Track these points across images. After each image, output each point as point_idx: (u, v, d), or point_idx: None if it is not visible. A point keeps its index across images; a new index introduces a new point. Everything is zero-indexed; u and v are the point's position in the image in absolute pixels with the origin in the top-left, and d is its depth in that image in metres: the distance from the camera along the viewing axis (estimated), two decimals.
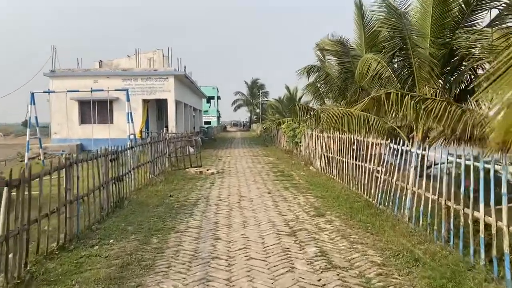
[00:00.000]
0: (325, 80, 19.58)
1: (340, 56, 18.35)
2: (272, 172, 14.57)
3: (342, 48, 18.01)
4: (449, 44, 13.27)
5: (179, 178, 12.98)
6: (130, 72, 24.67)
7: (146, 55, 29.79)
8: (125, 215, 7.92)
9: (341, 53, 18.16)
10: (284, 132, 22.55)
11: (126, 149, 9.81)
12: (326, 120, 15.32)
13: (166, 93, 24.25)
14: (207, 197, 9.95)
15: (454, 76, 14.00)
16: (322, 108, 15.80)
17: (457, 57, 13.38)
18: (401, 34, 13.12)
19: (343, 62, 18.30)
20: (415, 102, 9.69)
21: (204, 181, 12.52)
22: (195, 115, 42.97)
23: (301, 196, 9.97)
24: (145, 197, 9.71)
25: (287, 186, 11.40)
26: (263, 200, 9.47)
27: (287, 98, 45.92)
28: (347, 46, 17.87)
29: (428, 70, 12.85)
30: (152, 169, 12.22)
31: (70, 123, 24.38)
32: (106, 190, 8.17)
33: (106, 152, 8.23)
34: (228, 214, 8.07)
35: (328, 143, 13.81)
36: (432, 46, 12.82)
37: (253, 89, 79.92)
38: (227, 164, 17.60)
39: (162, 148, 14.39)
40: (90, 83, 23.02)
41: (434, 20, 12.82)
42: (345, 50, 17.96)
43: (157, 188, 10.84)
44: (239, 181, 12.61)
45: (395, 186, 7.76)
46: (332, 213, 8.05)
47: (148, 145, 12.05)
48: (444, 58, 13.51)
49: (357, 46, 17.82)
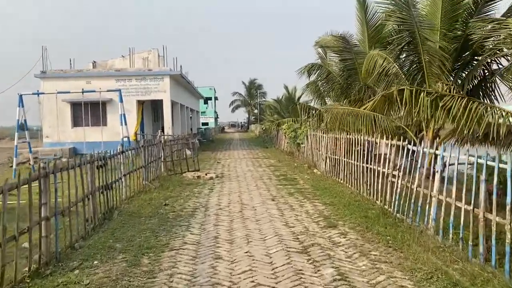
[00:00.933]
0: (326, 79, 18.78)
1: (342, 53, 17.57)
2: (274, 176, 13.73)
3: (344, 44, 17.22)
4: (461, 37, 12.49)
5: (176, 184, 12.13)
6: (123, 72, 23.80)
7: (141, 55, 28.93)
8: (114, 229, 7.07)
9: (343, 50, 17.37)
10: (285, 133, 21.73)
11: (116, 154, 8.95)
12: (330, 120, 14.55)
13: (162, 94, 23.38)
14: (206, 205, 9.09)
15: (466, 72, 13.25)
16: (326, 107, 14.98)
17: (469, 50, 12.63)
18: (409, 27, 12.33)
19: (346, 59, 17.53)
20: (432, 99, 8.86)
21: (202, 187, 11.67)
22: (192, 116, 42.09)
23: (308, 203, 9.13)
24: (138, 206, 8.85)
25: (292, 192, 10.56)
26: (267, 208, 8.63)
27: (286, 98, 45.14)
28: (350, 42, 17.09)
29: (438, 65, 12.07)
30: (145, 174, 11.36)
31: (63, 126, 23.55)
32: (92, 201, 7.32)
33: (92, 158, 7.38)
34: (229, 226, 7.22)
35: (334, 144, 12.98)
36: (443, 39, 12.01)
37: (251, 90, 79.09)
38: (227, 168, 16.76)
39: (156, 151, 13.54)
40: (82, 84, 22.12)
41: (445, 12, 12.02)
42: (347, 47, 17.18)
43: (151, 196, 9.99)
44: (240, 186, 11.76)
45: (416, 193, 6.94)
46: (345, 224, 7.22)
47: (141, 149, 11.19)
48: (456, 52, 12.73)
49: (360, 42, 17.08)
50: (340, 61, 18.05)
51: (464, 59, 13.00)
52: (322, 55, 20.73)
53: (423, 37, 12.09)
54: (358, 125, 13.68)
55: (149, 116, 27.52)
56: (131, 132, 22.95)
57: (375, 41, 15.83)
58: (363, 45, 16.72)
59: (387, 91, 10.38)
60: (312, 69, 18.91)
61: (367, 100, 15.91)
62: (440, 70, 12.03)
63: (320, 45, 19.06)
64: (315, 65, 18.93)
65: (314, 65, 18.94)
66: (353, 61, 17.04)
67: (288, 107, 42.79)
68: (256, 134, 53.14)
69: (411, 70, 13.41)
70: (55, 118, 23.53)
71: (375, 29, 16.15)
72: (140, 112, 24.13)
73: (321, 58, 20.78)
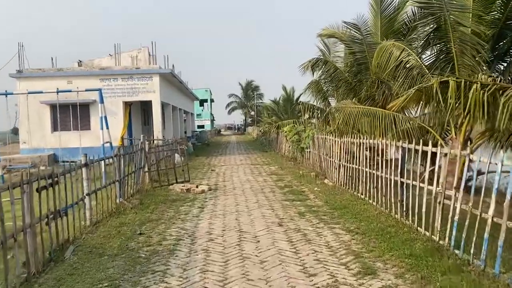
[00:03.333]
0: (332, 76, 16.66)
1: (351, 45, 15.55)
2: (278, 188, 11.61)
3: (356, 33, 15.20)
4: (499, 21, 10.53)
5: (159, 200, 9.99)
6: (108, 71, 21.65)
7: (131, 53, 26.81)
8: (58, 280, 4.93)
9: (353, 41, 15.36)
10: (286, 136, 19.60)
11: (73, 169, 6.81)
12: (343, 121, 12.53)
13: (151, 94, 21.21)
14: (193, 234, 6.95)
15: (506, 62, 11.26)
16: (338, 106, 12.90)
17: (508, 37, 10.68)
18: (436, 9, 10.35)
19: (355, 52, 15.50)
20: (490, 93, 6.75)
21: (191, 205, 9.52)
22: (187, 119, 39.94)
23: (327, 229, 7.01)
24: (103, 237, 6.71)
25: (302, 211, 8.43)
26: (273, 239, 6.49)
27: (284, 99, 43.26)
28: (363, 31, 15.06)
29: (472, 54, 10.03)
30: (121, 190, 9.22)
31: (41, 130, 21.34)
32: (31, 236, 5.19)
33: (29, 178, 5.24)
34: (224, 273, 5.08)
35: (349, 150, 10.89)
36: (478, 23, 9.96)
37: (248, 91, 77.05)
38: (222, 177, 14.61)
39: (138, 160, 11.41)
40: (63, 85, 19.97)
41: None
42: (359, 37, 15.18)
43: (125, 219, 7.84)
44: (237, 203, 9.63)
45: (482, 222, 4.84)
46: (387, 267, 5.10)
47: (115, 159, 9.02)
48: (492, 40, 10.75)
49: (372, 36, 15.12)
50: (349, 54, 16.02)
51: (502, 47, 11.03)
52: (324, 51, 18.60)
53: (454, 21, 10.09)
54: (375, 126, 11.79)
55: (138, 119, 25.35)
56: (117, 136, 20.84)
57: (388, 33, 13.90)
58: (376, 37, 14.74)
59: (423, 85, 8.28)
60: (317, 65, 16.78)
61: (380, 98, 13.88)
62: (475, 60, 10.02)
63: (326, 35, 16.93)
64: (320, 60, 16.79)
65: (319, 59, 16.80)
66: (364, 54, 15.03)
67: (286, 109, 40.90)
68: (253, 136, 51.03)
69: (438, 62, 11.39)
70: (34, 122, 21.33)
71: (389, 21, 14.21)
72: (127, 115, 21.96)
73: (323, 54, 18.67)
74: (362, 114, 11.99)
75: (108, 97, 21.15)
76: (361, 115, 12.00)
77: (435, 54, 11.55)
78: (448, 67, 10.92)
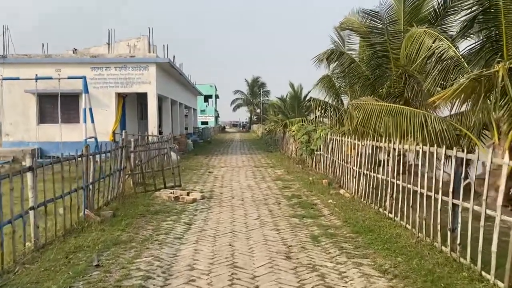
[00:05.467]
0: (348, 69, 14.76)
1: (370, 36, 13.75)
2: (284, 199, 9.71)
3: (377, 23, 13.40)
4: None
5: (139, 211, 8.13)
6: (100, 59, 19.80)
7: (129, 41, 25.02)
8: None
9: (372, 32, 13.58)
10: (294, 136, 17.68)
11: (15, 173, 4.96)
12: (363, 120, 10.68)
13: (146, 86, 19.34)
14: (168, 270, 5.07)
15: None
16: (356, 102, 10.98)
17: None
18: None
19: (374, 44, 13.70)
20: None
21: (177, 219, 7.65)
22: (188, 114, 38.12)
23: (352, 266, 5.11)
24: (43, 270, 4.86)
25: (316, 235, 6.54)
26: (279, 283, 4.61)
27: (291, 97, 41.32)
28: (384, 20, 13.28)
29: None
30: (89, 200, 7.36)
31: (26, 122, 19.56)
32: None
33: None
34: None
35: (371, 156, 8.99)
36: None
37: (254, 88, 75.14)
38: (220, 181, 12.73)
39: (120, 160, 9.57)
40: (51, 73, 18.16)
41: None
42: (379, 27, 13.40)
43: (84, 241, 5.98)
44: (234, 218, 7.75)
45: None
46: None
47: (81, 160, 7.15)
48: None
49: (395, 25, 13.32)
50: (367, 46, 14.15)
51: None
52: (339, 43, 16.65)
53: None
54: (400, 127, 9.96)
55: (133, 112, 23.52)
56: (108, 131, 19.05)
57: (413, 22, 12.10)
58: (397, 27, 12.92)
59: (484, 71, 6.38)
60: (332, 57, 14.87)
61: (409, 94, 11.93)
62: None
63: (344, 27, 15.02)
64: (335, 52, 14.85)
65: (334, 51, 14.87)
66: (384, 46, 13.23)
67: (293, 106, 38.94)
68: (258, 135, 49.13)
69: (485, 50, 9.50)
70: (19, 112, 19.66)
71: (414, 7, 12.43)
72: (120, 107, 20.13)
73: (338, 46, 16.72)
74: (387, 112, 10.13)
75: (99, 87, 19.39)
76: (384, 113, 10.15)
77: (479, 42, 9.67)
78: (495, 58, 9.09)
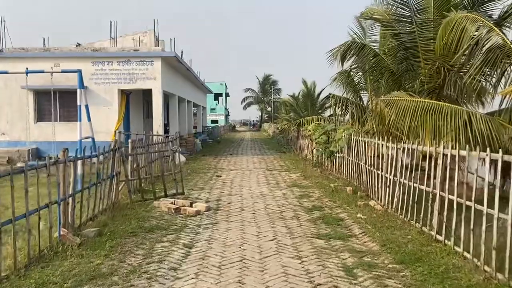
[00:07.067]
0: (373, 62, 13.13)
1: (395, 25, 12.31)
2: (303, 211, 8.24)
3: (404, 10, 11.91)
4: None
5: (130, 227, 6.74)
6: (102, 53, 18.49)
7: (135, 35, 23.74)
8: None
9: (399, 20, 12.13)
10: (310, 136, 16.17)
11: None
12: (396, 119, 9.23)
13: (151, 82, 17.99)
14: None
15: None
16: (387, 99, 9.48)
17: None
18: None
19: (399, 34, 12.21)
20: None
21: (174, 240, 6.24)
22: (197, 113, 36.81)
23: None
24: None
25: (350, 266, 5.07)
26: None
27: (304, 94, 39.76)
28: (412, 7, 11.79)
29: None
30: (66, 216, 5.98)
31: (23, 120, 18.35)
32: None
33: None
34: None
35: (410, 161, 7.47)
36: None
37: (265, 86, 73.60)
38: (228, 187, 11.31)
39: (112, 166, 8.20)
40: (49, 67, 16.92)
41: None
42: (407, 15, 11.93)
43: (52, 275, 4.61)
44: (245, 239, 6.31)
45: None
46: None
47: (54, 167, 5.76)
48: None
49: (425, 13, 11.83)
50: (393, 37, 12.55)
51: None
52: (359, 35, 15.03)
53: None
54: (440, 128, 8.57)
55: (138, 111, 22.25)
56: (111, 130, 17.76)
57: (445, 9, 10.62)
58: (426, 15, 11.44)
59: None
60: (349, 51, 13.14)
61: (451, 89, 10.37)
62: None
63: (368, 16, 13.47)
64: (355, 45, 13.07)
65: (353, 44, 13.06)
66: (412, 36, 11.71)
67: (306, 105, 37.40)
68: (269, 134, 47.63)
69: None
70: (15, 110, 18.52)
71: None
72: (123, 105, 18.81)
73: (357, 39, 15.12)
74: (424, 110, 8.65)
75: (101, 83, 18.12)
76: (421, 111, 8.67)
77: None
78: None
